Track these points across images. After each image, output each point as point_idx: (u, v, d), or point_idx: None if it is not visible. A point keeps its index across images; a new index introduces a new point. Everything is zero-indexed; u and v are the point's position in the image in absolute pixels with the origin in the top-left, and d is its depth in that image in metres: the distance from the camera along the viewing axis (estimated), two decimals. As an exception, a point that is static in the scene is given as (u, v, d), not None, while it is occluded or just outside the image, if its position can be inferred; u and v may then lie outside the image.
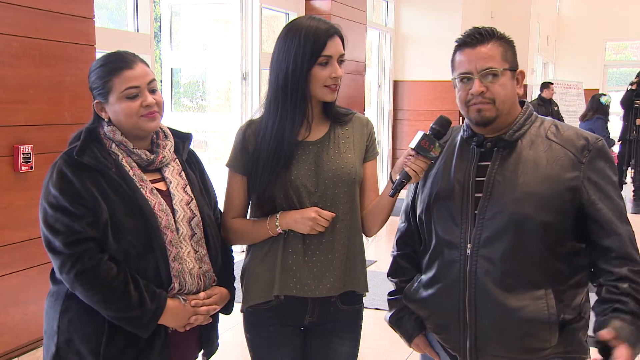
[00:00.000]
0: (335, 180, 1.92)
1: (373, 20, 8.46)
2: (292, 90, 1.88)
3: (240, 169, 1.98)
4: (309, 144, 1.95)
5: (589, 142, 1.69)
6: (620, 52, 18.07)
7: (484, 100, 1.70)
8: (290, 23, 1.93)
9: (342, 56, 1.91)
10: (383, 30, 8.93)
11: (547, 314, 1.65)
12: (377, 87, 8.93)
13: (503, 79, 1.69)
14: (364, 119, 2.05)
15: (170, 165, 1.93)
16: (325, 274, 1.93)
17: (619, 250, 1.63)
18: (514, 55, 1.73)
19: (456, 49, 1.74)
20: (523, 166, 1.69)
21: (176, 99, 6.84)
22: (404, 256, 1.99)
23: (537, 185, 1.66)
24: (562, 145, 1.70)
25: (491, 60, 1.68)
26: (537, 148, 1.71)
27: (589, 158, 1.67)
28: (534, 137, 1.73)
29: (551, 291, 1.66)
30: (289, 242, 1.94)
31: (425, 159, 1.75)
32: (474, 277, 1.71)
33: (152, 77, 1.85)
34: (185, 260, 1.85)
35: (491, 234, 1.69)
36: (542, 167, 1.68)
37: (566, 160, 1.67)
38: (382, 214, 1.96)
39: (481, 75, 1.69)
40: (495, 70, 1.68)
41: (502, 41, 1.71)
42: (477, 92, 1.69)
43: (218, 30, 6.94)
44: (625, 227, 1.65)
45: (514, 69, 1.72)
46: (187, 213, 1.89)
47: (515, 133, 1.73)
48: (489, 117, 1.71)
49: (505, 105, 1.71)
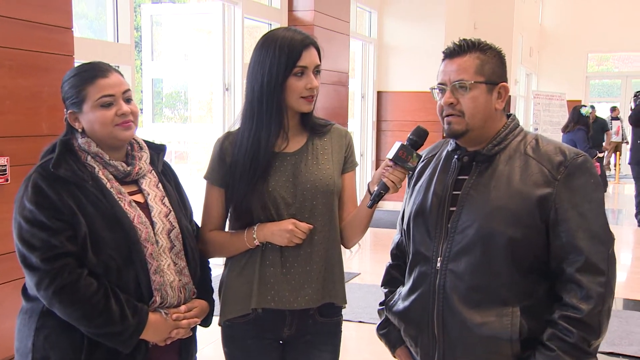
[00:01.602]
0: (314, 192, 1.93)
1: (356, 31, 8.51)
2: (268, 101, 1.89)
3: (218, 181, 1.98)
4: (287, 155, 1.95)
5: (566, 157, 1.67)
6: (602, 63, 18.32)
7: (454, 112, 1.70)
8: (266, 34, 1.95)
9: (318, 67, 1.92)
10: (366, 41, 8.98)
11: (509, 332, 1.63)
12: (360, 98, 8.97)
13: (474, 92, 1.68)
14: (342, 130, 2.06)
15: (146, 177, 1.92)
16: (304, 286, 1.94)
17: (570, 274, 1.60)
18: (495, 69, 1.71)
19: (442, 60, 1.76)
20: (496, 181, 1.69)
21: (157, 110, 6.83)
22: (396, 267, 2.00)
23: (508, 201, 1.65)
24: (538, 160, 1.68)
25: (463, 72, 1.68)
26: (514, 163, 1.70)
27: (564, 175, 1.64)
28: (512, 152, 1.72)
29: (519, 309, 1.65)
30: (267, 254, 1.94)
31: (403, 169, 1.76)
32: (442, 291, 1.71)
33: (127, 87, 1.85)
34: (166, 272, 1.84)
35: (460, 248, 1.69)
36: (514, 182, 1.67)
37: (540, 176, 1.66)
38: (360, 225, 1.97)
39: (453, 87, 1.70)
40: (464, 83, 1.68)
41: (482, 54, 1.70)
42: (445, 103, 1.70)
43: (200, 40, 6.95)
44: (594, 247, 1.61)
45: (492, 82, 1.70)
46: (166, 225, 1.88)
47: (495, 147, 1.73)
48: (457, 130, 1.71)
49: (476, 120, 1.70)
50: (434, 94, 1.76)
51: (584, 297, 1.59)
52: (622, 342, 4.14)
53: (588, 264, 1.60)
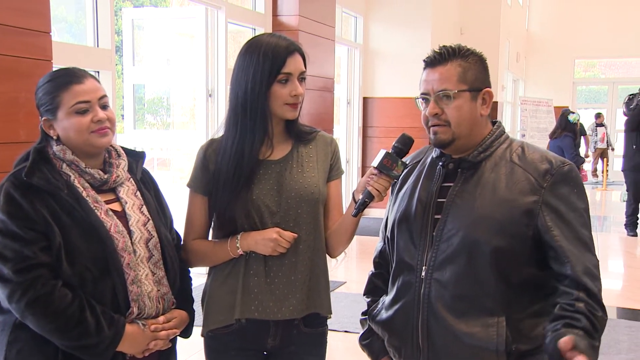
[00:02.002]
0: (298, 200, 1.92)
1: (342, 36, 8.54)
2: (252, 108, 1.88)
3: (201, 189, 1.97)
4: (271, 162, 1.95)
5: (552, 166, 1.67)
6: (588, 69, 18.52)
7: (439, 122, 1.70)
8: (250, 40, 1.94)
9: (302, 73, 1.92)
10: (352, 46, 9.01)
11: (495, 342, 1.63)
12: (346, 104, 8.99)
13: (458, 101, 1.68)
14: (328, 137, 2.06)
15: (124, 185, 1.91)
16: (288, 296, 1.93)
17: (572, 278, 1.59)
18: (478, 75, 1.71)
19: (423, 68, 1.76)
20: (481, 189, 1.69)
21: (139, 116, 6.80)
22: (378, 275, 2.00)
23: (493, 209, 1.66)
24: (524, 168, 1.68)
25: (446, 81, 1.68)
26: (499, 171, 1.70)
27: (550, 183, 1.65)
28: (498, 159, 1.72)
29: (504, 319, 1.65)
30: (251, 263, 1.93)
31: (388, 177, 1.76)
32: (427, 300, 1.71)
33: (103, 92, 1.84)
34: (144, 283, 1.83)
35: (445, 257, 1.69)
36: (500, 190, 1.67)
37: (526, 184, 1.66)
38: (346, 234, 1.97)
39: (436, 96, 1.69)
40: (448, 93, 1.68)
41: (464, 61, 1.70)
42: (430, 114, 1.70)
43: (183, 45, 6.93)
44: (584, 255, 1.61)
45: (476, 89, 1.70)
46: (144, 234, 1.87)
47: (480, 154, 1.73)
48: (444, 140, 1.71)
49: (462, 128, 1.70)
50: (418, 104, 1.77)
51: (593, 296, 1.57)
52: (610, 350, 4.16)
53: (586, 268, 1.60)
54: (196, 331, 2.03)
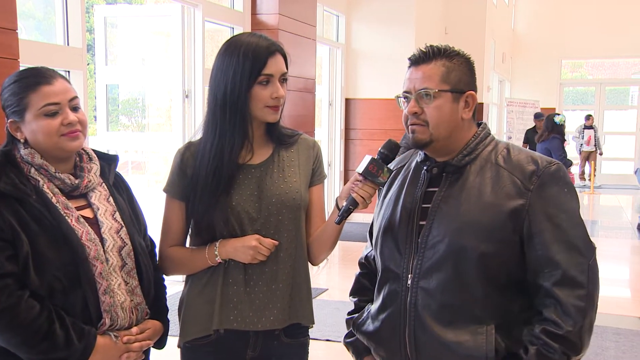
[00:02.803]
0: (279, 206, 1.92)
1: (323, 36, 8.55)
2: (231, 110, 1.87)
3: (178, 194, 1.96)
4: (251, 167, 1.94)
5: (538, 167, 1.67)
6: (575, 70, 18.76)
7: (418, 122, 1.71)
8: (230, 39, 1.93)
9: (284, 75, 1.91)
10: (334, 46, 9.03)
11: (485, 351, 1.64)
12: (328, 106, 9.00)
13: (439, 101, 1.69)
14: (310, 140, 2.06)
15: (96, 190, 1.89)
16: (268, 305, 1.92)
17: (548, 288, 1.61)
18: (462, 77, 1.72)
19: (408, 67, 1.77)
20: (467, 193, 1.70)
21: (113, 118, 6.74)
22: (365, 275, 2.01)
23: (479, 214, 1.66)
24: (509, 171, 1.69)
25: (428, 80, 1.69)
26: (485, 174, 1.70)
27: (537, 184, 1.65)
28: (483, 162, 1.73)
29: (493, 327, 1.65)
30: (230, 272, 1.92)
31: (373, 184, 1.76)
32: (413, 309, 1.72)
33: (74, 94, 1.81)
34: (117, 293, 1.81)
35: (431, 264, 1.70)
36: (485, 194, 1.67)
37: (512, 187, 1.66)
38: (328, 241, 1.96)
39: (417, 95, 1.70)
40: (428, 92, 1.69)
41: (449, 61, 1.71)
42: (409, 112, 1.72)
43: (158, 43, 6.90)
44: (571, 258, 1.62)
45: (458, 91, 1.71)
46: (117, 242, 1.85)
47: (465, 157, 1.74)
48: (421, 140, 1.72)
49: (440, 129, 1.70)
50: (399, 103, 1.78)
51: (563, 313, 1.59)
52: (597, 358, 4.20)
53: (565, 277, 1.61)
54: (172, 342, 2.02)
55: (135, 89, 7.17)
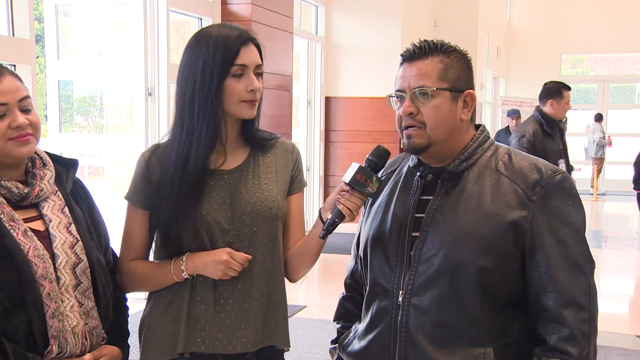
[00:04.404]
0: (254, 216, 1.92)
1: (301, 28, 8.58)
2: (202, 108, 1.87)
3: (142, 203, 1.95)
4: (224, 173, 1.94)
5: (542, 176, 1.68)
6: (576, 66, 18.96)
7: (414, 124, 1.71)
8: (198, 32, 1.94)
9: (259, 67, 1.91)
10: (312, 39, 9.06)
11: None
12: (306, 105, 9.03)
13: (437, 101, 1.70)
14: (289, 144, 2.07)
15: (49, 199, 1.86)
16: (240, 326, 1.92)
17: (552, 311, 1.62)
18: (461, 74, 1.73)
19: (400, 64, 1.77)
20: (464, 202, 1.71)
21: (66, 117, 6.70)
22: (350, 299, 2.01)
23: (477, 225, 1.67)
24: (511, 179, 1.70)
25: (424, 78, 1.70)
26: (484, 182, 1.71)
27: (541, 195, 1.66)
28: (482, 168, 1.74)
29: (492, 350, 1.66)
30: (197, 289, 1.92)
31: (361, 195, 1.76)
32: (404, 329, 1.72)
33: (25, 93, 1.79)
34: (68, 316, 1.78)
35: (424, 279, 1.70)
36: (485, 204, 1.68)
37: (513, 197, 1.67)
38: (309, 257, 1.97)
39: (413, 94, 1.71)
40: (425, 90, 1.69)
41: (446, 57, 1.72)
42: (404, 113, 1.71)
43: (118, 35, 6.87)
44: (574, 278, 1.64)
45: (457, 89, 1.72)
46: (71, 258, 1.82)
47: (462, 163, 1.75)
48: (418, 144, 1.72)
49: (439, 132, 1.71)
50: (392, 103, 1.78)
51: (569, 339, 1.61)
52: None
53: (570, 298, 1.62)
54: (133, 368, 2.01)
55: (91, 86, 7.12)
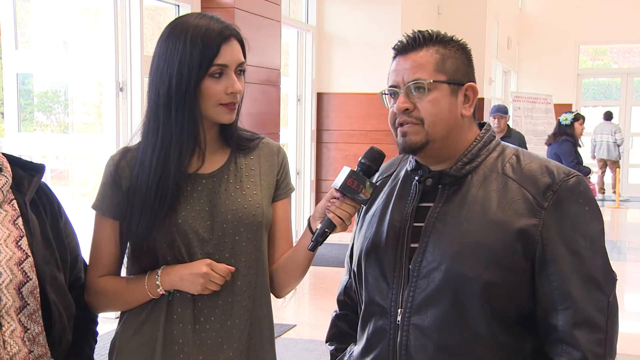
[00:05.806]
0: (236, 224, 1.93)
1: (290, 17, 8.58)
2: (177, 109, 1.88)
3: (111, 212, 1.96)
4: (202, 177, 1.95)
5: (554, 179, 1.68)
6: (597, 58, 19.00)
7: (410, 120, 1.71)
8: (174, 21, 1.94)
9: (241, 65, 1.92)
10: (303, 29, 9.06)
11: None
12: (296, 101, 9.02)
13: (434, 94, 1.70)
14: (274, 145, 2.08)
15: (1, 209, 1.84)
16: (223, 346, 1.93)
17: (563, 330, 1.63)
18: (460, 66, 1.74)
19: (393, 57, 1.79)
20: (468, 210, 1.71)
21: (26, 114, 6.70)
22: (343, 317, 2.02)
23: (482, 235, 1.67)
24: (519, 184, 1.70)
25: (420, 70, 1.71)
26: (489, 187, 1.72)
27: (553, 201, 1.66)
28: (488, 172, 1.74)
29: None
30: (175, 306, 1.92)
31: (353, 202, 1.77)
32: (404, 352, 1.72)
33: None
34: (7, 342, 1.75)
35: (425, 296, 1.70)
36: (490, 211, 1.68)
37: (522, 204, 1.67)
38: (298, 270, 1.98)
39: (407, 89, 1.72)
40: (421, 83, 1.70)
41: (443, 47, 1.73)
42: (399, 110, 1.72)
43: (84, 23, 6.88)
44: (590, 294, 1.63)
45: (456, 82, 1.73)
46: (17, 276, 1.78)
47: (465, 166, 1.75)
48: (415, 142, 1.72)
49: (437, 128, 1.71)
50: (385, 100, 1.79)
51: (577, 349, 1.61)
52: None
53: (583, 317, 1.63)
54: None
55: (55, 80, 7.12)
